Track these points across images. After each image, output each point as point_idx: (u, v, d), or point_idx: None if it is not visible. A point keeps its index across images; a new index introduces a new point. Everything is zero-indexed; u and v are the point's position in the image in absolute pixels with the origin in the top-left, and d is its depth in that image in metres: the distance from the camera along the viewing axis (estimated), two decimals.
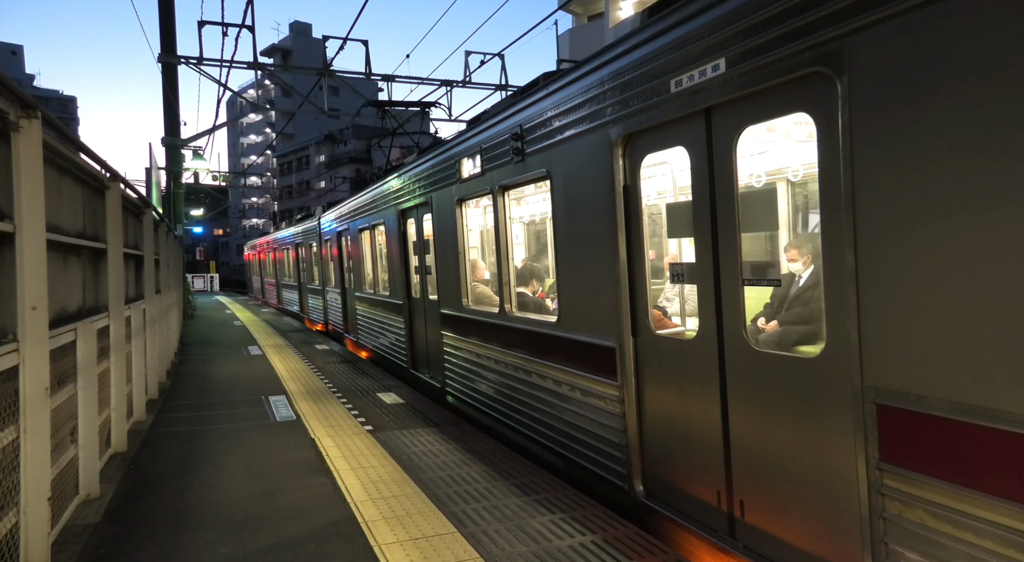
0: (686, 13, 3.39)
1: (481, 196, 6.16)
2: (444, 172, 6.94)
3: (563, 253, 4.78)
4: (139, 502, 4.65)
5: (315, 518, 4.23)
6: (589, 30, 27.93)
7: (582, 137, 4.36)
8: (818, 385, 2.84)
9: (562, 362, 4.86)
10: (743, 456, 3.31)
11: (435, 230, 7.36)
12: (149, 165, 14.90)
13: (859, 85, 2.49)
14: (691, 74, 3.35)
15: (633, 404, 4.07)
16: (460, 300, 6.82)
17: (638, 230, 3.99)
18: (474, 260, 7.09)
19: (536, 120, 4.94)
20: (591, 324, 4.43)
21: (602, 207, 4.20)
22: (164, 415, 7.35)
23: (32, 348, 3.24)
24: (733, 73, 3.08)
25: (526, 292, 6.30)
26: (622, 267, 4.06)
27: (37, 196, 3.34)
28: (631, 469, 4.11)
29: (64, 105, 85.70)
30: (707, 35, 3.23)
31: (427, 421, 6.71)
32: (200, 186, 38.89)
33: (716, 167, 3.35)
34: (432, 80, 17.67)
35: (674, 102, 3.50)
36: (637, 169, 3.96)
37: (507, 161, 5.44)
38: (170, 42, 16.33)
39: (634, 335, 4.05)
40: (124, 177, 5.89)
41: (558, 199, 4.75)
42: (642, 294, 4.00)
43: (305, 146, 71.11)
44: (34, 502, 3.27)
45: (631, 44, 3.84)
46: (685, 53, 3.40)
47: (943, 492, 2.30)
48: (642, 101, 3.74)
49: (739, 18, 3.01)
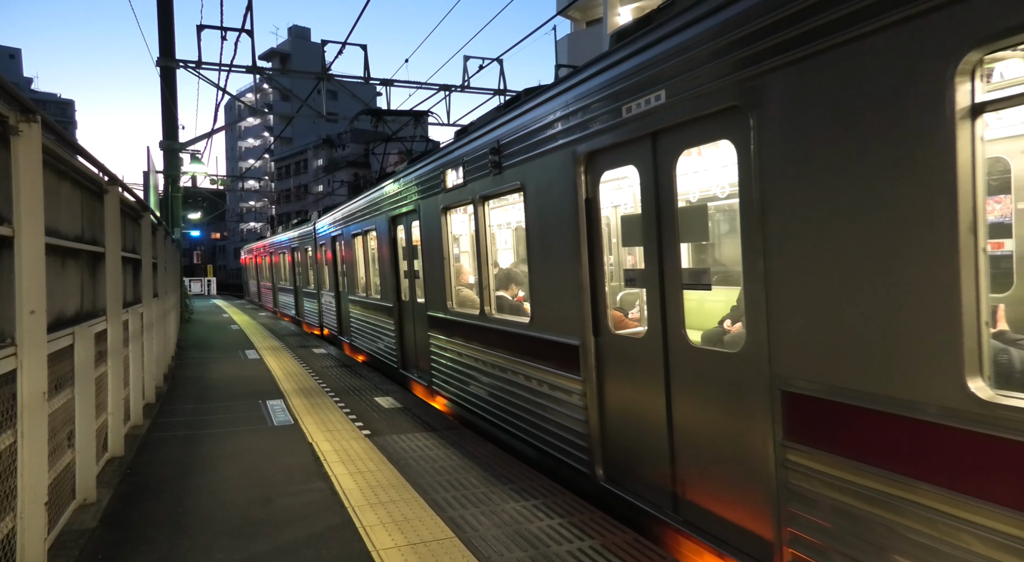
0: (636, 47, 3.81)
1: (464, 205, 6.51)
2: (431, 182, 7.30)
3: (534, 259, 5.18)
4: (136, 507, 4.64)
5: (313, 523, 4.22)
6: (588, 35, 28.02)
7: (551, 154, 4.77)
8: (741, 376, 3.27)
9: (534, 359, 5.29)
10: (683, 440, 3.75)
11: (422, 236, 7.76)
12: (147, 169, 14.87)
13: (765, 120, 2.97)
14: (639, 102, 3.78)
15: (594, 397, 4.49)
16: (445, 303, 7.20)
17: (598, 239, 4.41)
18: (459, 265, 7.43)
19: (511, 136, 5.36)
20: (558, 324, 4.85)
21: (567, 218, 4.60)
22: (161, 419, 7.33)
23: (30, 352, 3.23)
24: (672, 103, 3.52)
25: (505, 295, 6.56)
26: (584, 272, 4.47)
27: (36, 200, 3.34)
28: (593, 456, 4.53)
29: (62, 108, 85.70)
30: (652, 68, 3.65)
31: (424, 425, 6.70)
32: (198, 190, 38.83)
33: (660, 185, 3.78)
34: (431, 85, 17.70)
35: (626, 126, 3.92)
36: (597, 184, 4.37)
37: (486, 173, 5.84)
38: (169, 46, 16.34)
39: (596, 334, 4.46)
40: (122, 181, 5.89)
41: (530, 210, 5.16)
42: (602, 297, 4.41)
43: (303, 150, 71.16)
44: (31, 507, 3.26)
45: (591, 72, 4.25)
46: (636, 82, 3.81)
47: (832, 463, 2.73)
48: (601, 124, 4.15)
49: (675, 55, 3.47)
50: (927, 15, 2.29)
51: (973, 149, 2.23)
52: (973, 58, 2.19)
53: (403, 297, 9.17)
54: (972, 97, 2.23)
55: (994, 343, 2.64)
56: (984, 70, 2.28)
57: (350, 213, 11.99)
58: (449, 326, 7.16)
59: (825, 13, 2.62)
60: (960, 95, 2.22)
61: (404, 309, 9.18)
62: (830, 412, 2.74)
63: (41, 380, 3.34)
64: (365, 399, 8.08)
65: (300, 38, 73.21)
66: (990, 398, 2.17)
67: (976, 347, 2.23)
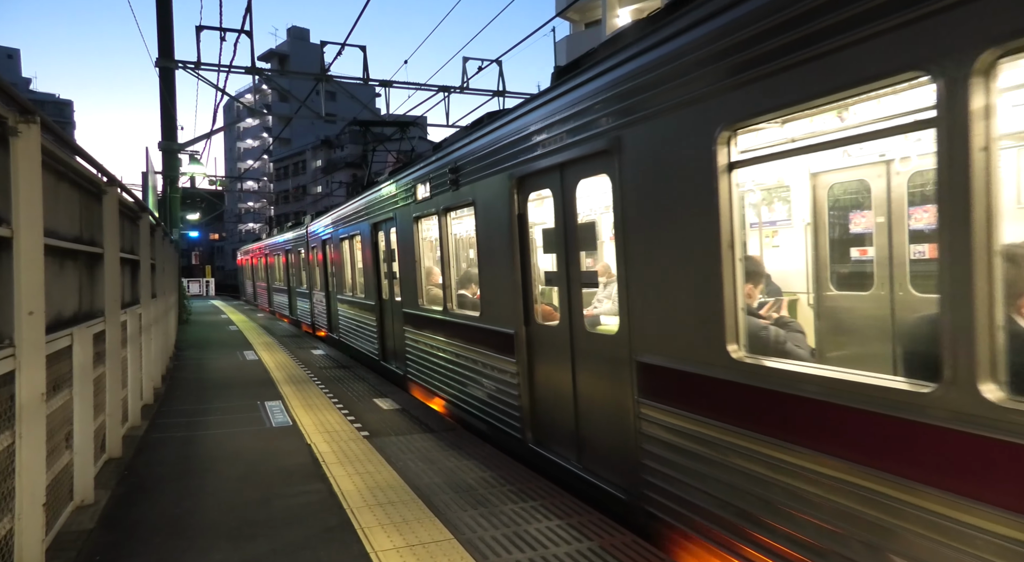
0: (546, 98, 4.85)
1: (431, 215, 7.44)
2: (405, 193, 8.30)
3: (482, 263, 6.18)
4: (134, 508, 4.63)
5: (311, 524, 4.22)
6: (586, 37, 28.05)
7: (493, 176, 5.76)
8: (616, 352, 4.24)
9: (482, 347, 6.28)
10: (583, 404, 4.77)
11: (399, 241, 8.77)
12: (146, 169, 14.86)
13: (624, 162, 3.98)
14: (552, 140, 4.79)
15: (525, 376, 5.51)
16: (417, 301, 8.22)
17: (528, 247, 5.44)
18: (429, 267, 8.26)
19: (466, 159, 6.36)
20: (500, 317, 5.84)
21: (505, 229, 5.59)
22: (159, 420, 7.32)
23: (28, 353, 3.22)
24: (572, 143, 4.53)
25: (467, 293, 7.32)
26: (518, 274, 5.47)
27: (35, 201, 3.34)
28: (524, 424, 5.55)
29: (60, 109, 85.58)
30: (559, 114, 4.67)
31: (423, 427, 6.70)
32: (196, 190, 38.79)
33: (566, 206, 4.81)
34: (430, 86, 17.72)
35: (544, 159, 4.93)
36: (526, 202, 5.42)
37: (447, 188, 6.81)
38: (168, 46, 16.33)
39: (526, 325, 5.48)
40: (121, 182, 5.88)
41: (479, 221, 6.16)
42: (531, 295, 5.43)
43: (302, 150, 71.13)
44: (29, 508, 3.25)
45: (520, 112, 5.28)
46: (548, 124, 4.82)
47: (665, 412, 3.75)
48: (527, 155, 5.16)
49: (573, 106, 4.49)
50: (700, 103, 3.33)
51: (730, 192, 3.26)
52: (726, 134, 3.20)
53: (383, 296, 10.11)
54: (728, 158, 3.23)
55: (757, 321, 3.87)
56: (736, 140, 3.23)
57: (338, 218, 12.90)
58: (420, 321, 8.14)
59: (651, 92, 3.71)
60: (720, 157, 3.23)
61: (384, 307, 10.12)
62: (662, 375, 3.79)
63: (39, 381, 3.34)
64: (364, 401, 8.08)
65: (299, 39, 73.15)
66: (740, 358, 3.22)
67: (734, 324, 3.26)
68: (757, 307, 4.16)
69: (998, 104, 2.17)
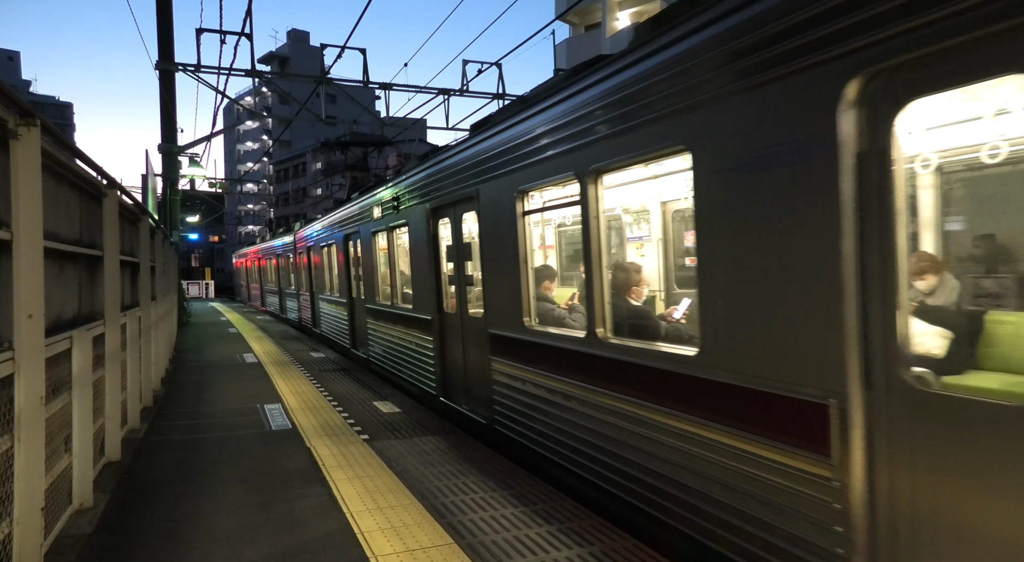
0: (448, 155, 6.91)
1: (383, 231, 9.54)
2: (366, 212, 10.40)
3: (413, 268, 8.28)
4: (133, 512, 4.61)
5: (311, 529, 4.20)
6: (586, 40, 28.07)
7: (419, 205, 7.74)
8: (481, 328, 6.27)
9: (412, 329, 8.48)
10: (468, 366, 6.85)
11: (362, 250, 10.90)
12: (146, 172, 14.83)
13: (480, 207, 6.00)
14: (448, 184, 6.78)
15: (439, 348, 7.61)
16: (375, 297, 10.29)
17: (439, 258, 7.44)
18: (384, 271, 10.19)
19: (403, 190, 8.43)
20: (424, 308, 7.93)
21: (425, 244, 7.66)
22: (159, 423, 7.30)
23: (28, 357, 3.21)
24: (458, 189, 6.50)
25: (409, 291, 8.94)
26: (433, 277, 7.53)
27: (35, 204, 3.32)
28: (438, 383, 7.65)
29: (60, 111, 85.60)
30: (450, 168, 6.70)
31: (424, 430, 6.69)
32: (196, 193, 38.75)
33: (456, 231, 6.85)
34: (429, 88, 17.70)
35: (445, 196, 6.91)
36: (438, 225, 7.44)
37: (392, 211, 8.89)
38: (168, 49, 16.32)
39: (439, 312, 7.59)
40: (121, 184, 5.88)
41: (410, 238, 8.22)
42: (443, 291, 7.50)
43: (302, 153, 71.09)
44: (27, 513, 3.23)
45: (433, 161, 7.34)
46: (446, 174, 6.84)
47: (503, 363, 5.79)
48: (436, 193, 7.17)
49: (454, 165, 6.58)
50: (508, 176, 5.43)
51: (527, 231, 5.34)
52: (520, 194, 5.27)
53: (353, 295, 12.13)
54: (523, 208, 5.31)
55: (546, 305, 5.58)
56: (528, 196, 5.26)
57: (319, 229, 14.91)
58: (376, 313, 10.26)
59: (489, 164, 5.75)
60: (519, 207, 5.30)
61: (354, 304, 12.11)
62: (500, 340, 5.84)
63: (39, 385, 3.32)
64: (364, 404, 8.06)
65: (299, 42, 73.17)
66: (530, 326, 5.32)
67: (528, 307, 5.34)
68: (572, 299, 5.93)
69: (603, 192, 4.34)
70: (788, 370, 2.83)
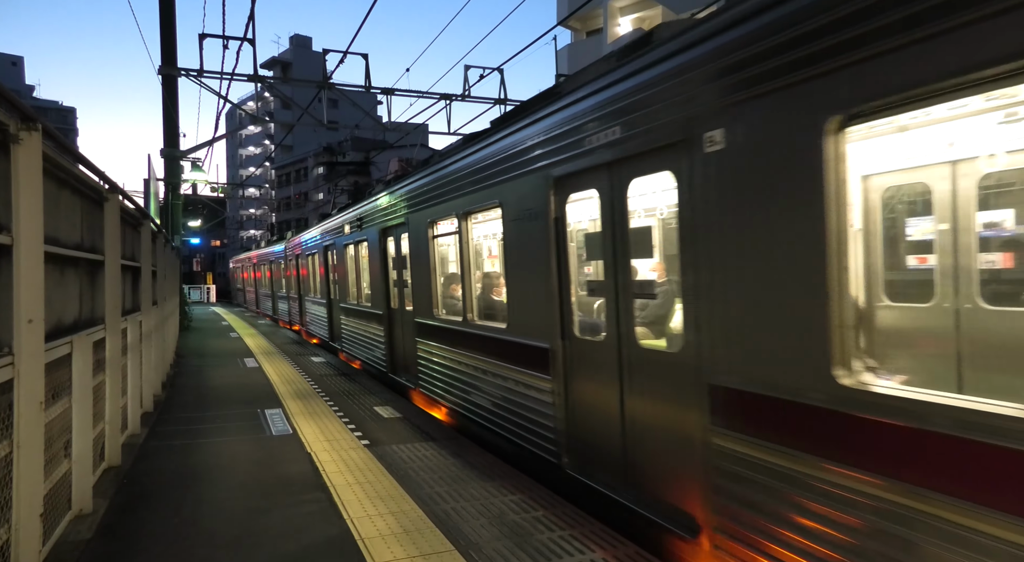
0: (392, 188, 9.00)
1: (351, 243, 11.81)
2: (339, 229, 12.77)
3: (371, 274, 10.45)
4: (133, 517, 4.59)
5: (312, 534, 4.18)
6: (588, 45, 28.11)
7: (373, 226, 9.97)
8: (411, 319, 8.42)
9: (370, 323, 10.72)
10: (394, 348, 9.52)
11: (337, 259, 13.49)
12: (148, 176, 14.85)
13: (409, 231, 8.40)
14: (391, 211, 8.92)
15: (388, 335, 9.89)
16: (346, 298, 12.67)
17: (387, 266, 9.51)
18: (353, 277, 12.16)
19: (363, 214, 10.69)
20: (378, 305, 9.96)
21: (380, 256, 9.74)
22: (159, 428, 7.28)
23: (27, 362, 3.19)
24: (396, 215, 8.68)
25: (368, 292, 10.93)
26: (389, 281, 9.55)
27: (36, 208, 3.32)
28: (388, 362, 9.87)
29: (63, 116, 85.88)
30: (394, 198, 8.75)
31: (424, 435, 6.66)
32: (198, 197, 38.82)
33: (398, 245, 8.90)
34: (431, 94, 17.73)
35: (394, 219, 8.88)
36: (387, 241, 9.43)
37: (357, 229, 11.18)
38: (171, 54, 16.36)
39: (388, 308, 9.77)
40: (123, 189, 5.87)
41: (369, 251, 10.44)
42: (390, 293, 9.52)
43: (304, 158, 71.20)
44: (26, 518, 3.21)
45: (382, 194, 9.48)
46: (391, 203, 8.90)
47: (424, 343, 8.05)
48: (390, 215, 9.07)
49: (396, 197, 8.90)
50: (422, 210, 7.82)
51: (435, 249, 7.70)
52: (431, 222, 7.59)
53: (332, 296, 14.47)
54: (433, 233, 7.65)
55: (453, 301, 7.38)
56: (437, 224, 7.55)
57: (305, 240, 17.66)
58: (348, 311, 12.55)
59: (412, 200, 8.07)
60: (430, 233, 7.67)
61: (333, 304, 14.36)
62: (421, 326, 8.07)
63: (38, 390, 3.31)
64: (364, 409, 8.04)
65: (302, 47, 73.40)
66: (439, 315, 7.60)
67: (438, 303, 7.67)
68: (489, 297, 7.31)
69: (472, 226, 6.86)
70: (535, 333, 5.27)
